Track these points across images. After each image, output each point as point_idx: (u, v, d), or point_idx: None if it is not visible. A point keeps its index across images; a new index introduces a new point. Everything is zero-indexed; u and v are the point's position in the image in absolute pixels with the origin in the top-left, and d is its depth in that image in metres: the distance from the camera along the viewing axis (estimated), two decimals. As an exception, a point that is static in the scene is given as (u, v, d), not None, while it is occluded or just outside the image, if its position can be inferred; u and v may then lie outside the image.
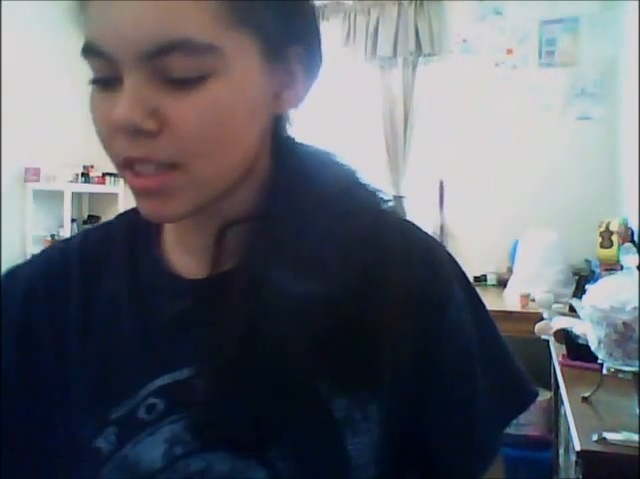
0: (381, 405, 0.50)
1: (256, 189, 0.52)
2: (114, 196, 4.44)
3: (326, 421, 0.48)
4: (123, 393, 0.50)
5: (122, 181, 4.02)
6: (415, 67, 3.84)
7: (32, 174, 4.04)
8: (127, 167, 0.46)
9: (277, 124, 0.53)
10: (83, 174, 4.31)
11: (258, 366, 0.46)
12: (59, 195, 4.09)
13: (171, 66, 0.43)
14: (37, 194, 4.08)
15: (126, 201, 4.44)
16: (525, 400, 0.58)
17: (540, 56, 3.64)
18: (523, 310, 2.80)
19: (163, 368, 0.50)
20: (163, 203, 0.46)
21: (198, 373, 0.48)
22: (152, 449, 0.47)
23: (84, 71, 0.49)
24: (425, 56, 3.80)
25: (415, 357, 0.51)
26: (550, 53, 3.62)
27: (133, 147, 0.44)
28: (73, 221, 4.24)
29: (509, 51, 3.70)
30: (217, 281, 0.50)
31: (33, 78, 4.05)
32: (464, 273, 0.58)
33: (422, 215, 3.55)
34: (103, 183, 4.38)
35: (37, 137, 4.09)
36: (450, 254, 0.58)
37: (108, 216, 4.41)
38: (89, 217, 4.57)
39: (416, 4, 3.75)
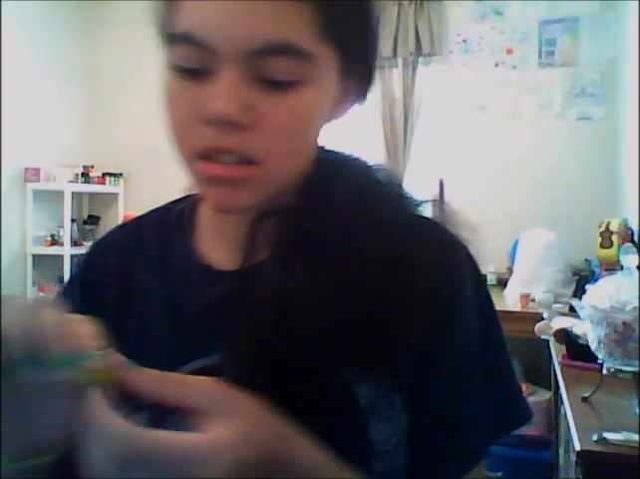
0: (403, 394, 0.51)
1: (291, 186, 0.54)
2: (114, 196, 4.44)
3: (350, 407, 0.49)
4: None
5: (122, 181, 4.00)
6: (415, 67, 3.84)
7: (32, 174, 4.04)
8: (204, 156, 0.47)
9: None
10: (83, 174, 4.30)
11: (285, 353, 0.47)
12: (59, 195, 4.09)
13: (271, 67, 0.45)
14: (37, 194, 4.08)
15: (126, 201, 4.44)
16: (519, 420, 0.57)
17: (540, 56, 3.64)
18: (523, 310, 2.80)
19: (194, 355, 0.51)
20: (235, 193, 0.48)
21: (226, 360, 0.49)
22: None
23: (84, 71, 0.50)
24: (425, 56, 3.80)
25: (422, 352, 0.52)
26: (550, 53, 3.62)
27: (220, 137, 0.46)
28: (73, 221, 4.24)
29: (509, 51, 3.70)
30: (248, 273, 0.52)
31: (33, 78, 4.06)
32: (481, 279, 0.58)
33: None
34: (103, 183, 4.38)
35: (37, 137, 4.09)
36: (472, 259, 0.57)
37: (108, 216, 4.37)
38: (89, 217, 4.57)
39: (416, 4, 3.75)
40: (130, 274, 0.59)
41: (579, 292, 2.58)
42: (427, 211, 0.58)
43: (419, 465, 0.53)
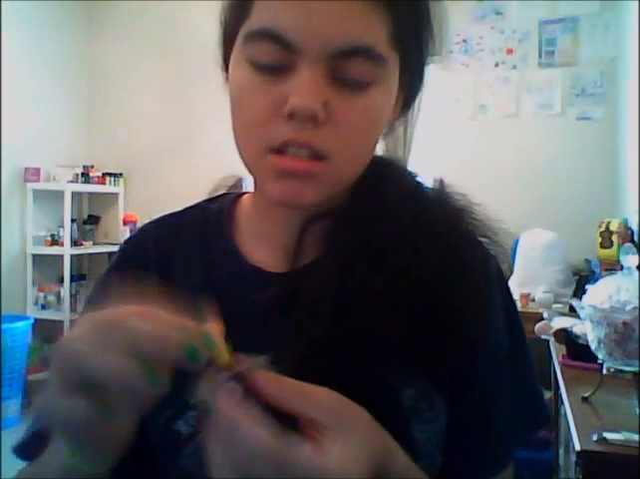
0: (444, 396, 0.53)
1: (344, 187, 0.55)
2: (114, 196, 4.44)
3: (395, 409, 0.51)
4: (199, 379, 0.51)
5: (122, 181, 4.00)
6: (415, 67, 3.84)
7: (32, 174, 4.04)
8: (278, 150, 0.49)
9: None
10: (83, 174, 4.30)
11: (336, 355, 0.48)
12: (59, 195, 4.08)
13: (349, 68, 0.47)
14: (37, 194, 4.08)
15: (126, 200, 4.44)
16: (542, 421, 0.60)
17: (540, 56, 3.64)
18: (523, 310, 2.80)
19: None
20: (304, 187, 0.49)
21: (275, 360, 0.49)
22: None
23: (84, 71, 0.50)
24: (425, 56, 3.80)
25: (461, 355, 0.53)
26: (550, 53, 3.62)
27: (297, 131, 0.47)
28: (73, 221, 4.23)
29: (509, 51, 3.70)
30: (301, 274, 0.53)
31: (33, 78, 4.05)
32: (505, 282, 0.61)
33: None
34: (103, 183, 4.37)
35: (37, 137, 4.09)
36: (497, 262, 0.60)
37: (108, 216, 4.37)
38: (89, 216, 4.57)
39: (416, 4, 3.75)
40: (170, 270, 0.60)
41: (579, 292, 2.59)
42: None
43: (452, 467, 0.54)
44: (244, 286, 0.56)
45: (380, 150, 0.61)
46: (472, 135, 3.71)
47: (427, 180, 0.62)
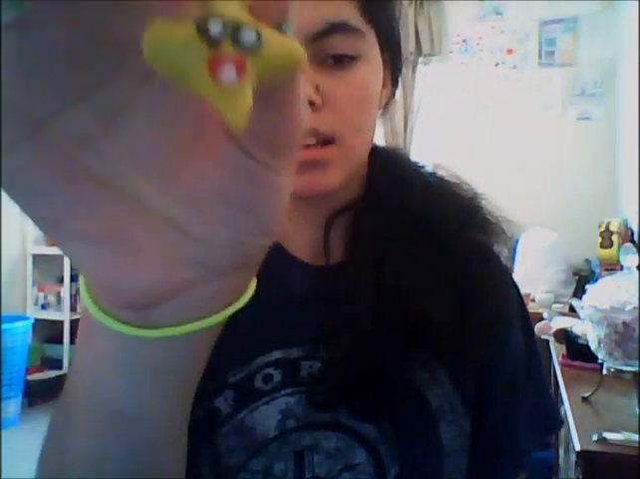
0: (463, 399, 0.53)
1: (356, 183, 0.56)
2: (114, 196, 4.43)
3: (423, 409, 0.51)
4: (239, 359, 0.51)
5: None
6: (415, 67, 3.85)
7: (32, 174, 4.03)
8: None
9: None
10: (83, 174, 4.30)
11: (373, 354, 0.48)
12: (59, 195, 4.07)
13: (330, 46, 0.48)
14: (37, 194, 4.07)
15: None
16: (555, 425, 0.61)
17: (540, 56, 3.64)
18: (524, 310, 2.80)
19: (279, 344, 0.51)
20: (322, 174, 0.50)
21: (307, 356, 0.50)
22: (267, 418, 0.49)
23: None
24: (425, 56, 3.80)
25: (484, 360, 0.54)
26: (550, 53, 3.63)
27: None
28: (73, 221, 4.23)
29: (509, 51, 3.70)
30: (338, 270, 0.53)
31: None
32: (522, 297, 0.62)
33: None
34: (103, 183, 4.37)
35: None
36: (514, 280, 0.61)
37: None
38: (89, 217, 4.56)
39: (416, 4, 3.75)
40: None
41: (579, 292, 2.59)
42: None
43: (473, 471, 0.54)
44: (287, 277, 0.55)
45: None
46: (471, 135, 3.71)
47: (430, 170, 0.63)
